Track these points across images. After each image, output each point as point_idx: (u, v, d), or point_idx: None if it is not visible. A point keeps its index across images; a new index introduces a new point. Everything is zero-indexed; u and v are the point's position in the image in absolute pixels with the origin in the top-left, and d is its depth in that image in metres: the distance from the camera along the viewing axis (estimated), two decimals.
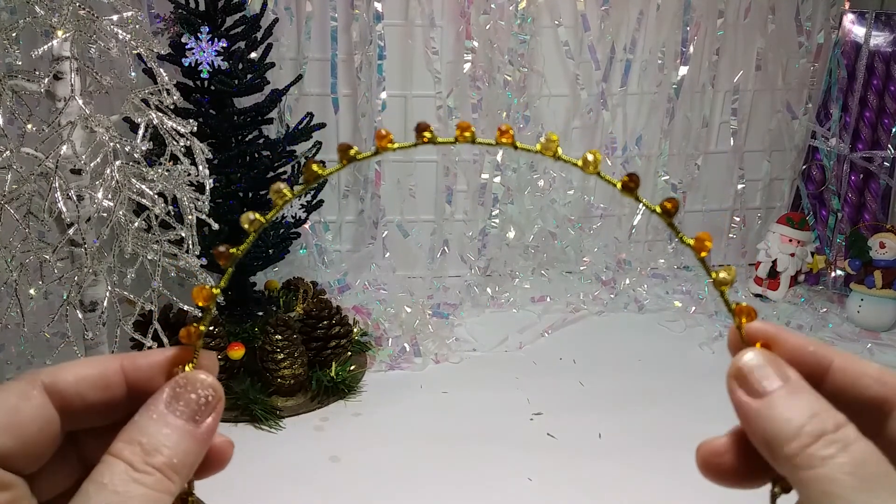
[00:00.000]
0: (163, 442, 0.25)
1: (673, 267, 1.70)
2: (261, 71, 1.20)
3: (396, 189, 1.57)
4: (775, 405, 0.25)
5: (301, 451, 1.06)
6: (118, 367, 0.27)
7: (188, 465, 0.26)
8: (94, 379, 0.27)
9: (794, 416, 0.24)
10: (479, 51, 1.49)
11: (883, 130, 1.60)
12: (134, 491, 0.24)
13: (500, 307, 1.53)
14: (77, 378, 0.26)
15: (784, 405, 0.25)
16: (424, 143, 0.27)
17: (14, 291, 0.86)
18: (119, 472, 0.24)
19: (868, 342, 1.42)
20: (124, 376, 0.27)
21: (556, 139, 0.27)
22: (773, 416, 0.24)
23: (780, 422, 0.24)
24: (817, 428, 0.24)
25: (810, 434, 0.24)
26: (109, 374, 0.27)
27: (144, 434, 0.25)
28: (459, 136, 0.27)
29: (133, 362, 0.27)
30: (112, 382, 0.27)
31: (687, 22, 1.57)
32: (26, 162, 0.84)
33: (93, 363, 0.27)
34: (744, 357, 0.26)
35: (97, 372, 0.27)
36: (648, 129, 1.65)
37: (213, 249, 0.28)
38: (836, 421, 0.24)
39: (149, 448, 0.25)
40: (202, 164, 0.94)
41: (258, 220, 0.27)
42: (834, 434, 0.24)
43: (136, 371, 0.27)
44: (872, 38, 1.59)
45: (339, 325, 1.23)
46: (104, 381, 0.27)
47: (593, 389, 1.24)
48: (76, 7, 0.83)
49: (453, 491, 0.99)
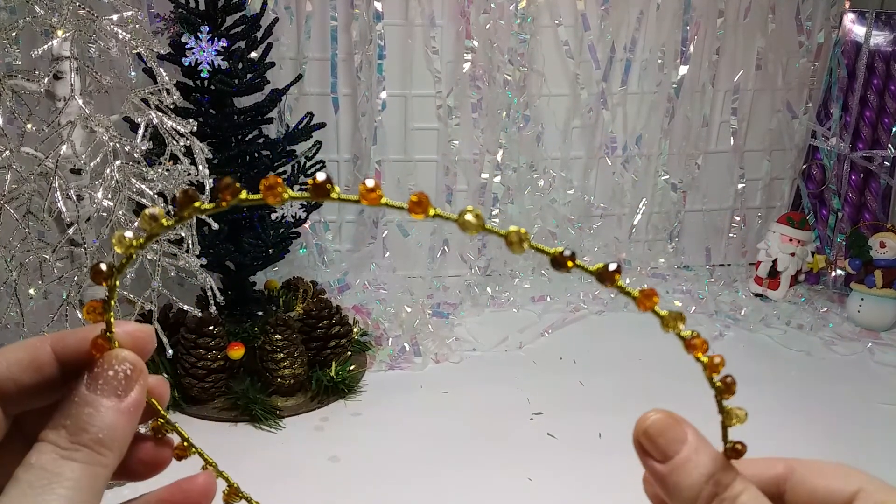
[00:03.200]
0: (87, 421, 0.25)
1: (673, 267, 1.70)
2: (261, 70, 1.20)
3: (396, 189, 1.57)
4: (677, 471, 0.28)
5: (301, 451, 1.06)
6: (48, 349, 0.27)
7: (118, 438, 0.26)
8: (26, 362, 0.27)
9: (692, 483, 0.27)
10: (479, 50, 1.49)
11: (883, 130, 1.60)
12: (64, 467, 0.24)
13: (500, 307, 1.53)
14: (8, 364, 0.27)
15: (683, 471, 0.28)
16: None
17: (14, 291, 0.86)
18: (47, 453, 0.25)
19: (868, 342, 1.42)
20: (55, 356, 0.27)
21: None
22: (677, 482, 0.28)
23: (683, 489, 0.28)
24: (711, 492, 0.27)
25: (706, 498, 0.27)
26: (40, 356, 0.27)
27: (68, 417, 0.25)
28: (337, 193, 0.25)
29: (62, 341, 0.28)
30: (43, 363, 0.27)
31: (687, 22, 1.57)
32: (26, 162, 0.84)
33: (23, 347, 0.27)
34: (648, 420, 0.29)
35: (28, 355, 0.27)
36: (648, 129, 1.65)
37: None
38: (727, 479, 0.27)
39: (73, 429, 0.25)
40: (202, 163, 0.94)
41: (132, 244, 0.26)
42: (725, 493, 0.27)
43: (65, 349, 0.28)
44: (873, 37, 1.59)
45: (339, 325, 1.23)
46: (35, 363, 0.27)
47: (593, 389, 1.24)
48: (76, 7, 0.82)
49: (453, 491, 0.99)
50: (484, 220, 0.25)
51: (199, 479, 0.30)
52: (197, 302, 1.24)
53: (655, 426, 0.29)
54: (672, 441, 0.28)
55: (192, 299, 1.23)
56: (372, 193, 0.25)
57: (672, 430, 0.28)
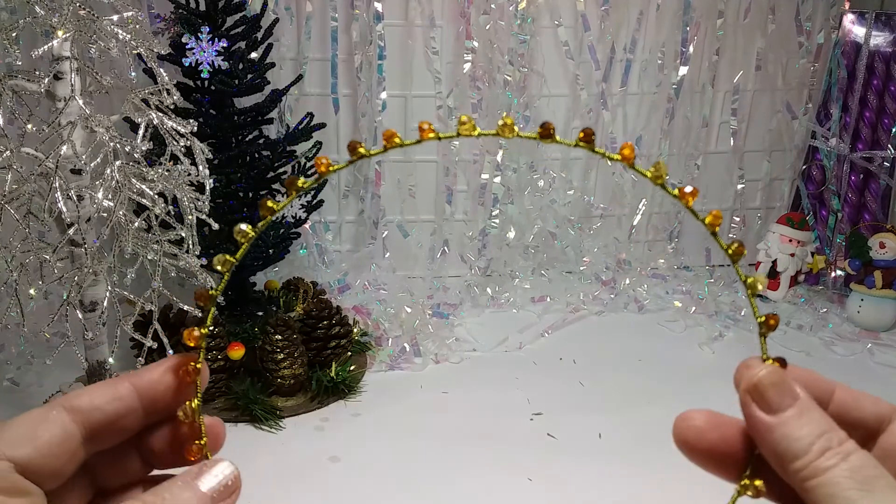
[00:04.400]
0: (185, 500, 0.28)
1: (673, 267, 1.70)
2: (261, 71, 1.20)
3: (396, 189, 1.57)
4: (788, 423, 0.28)
5: (301, 451, 1.06)
6: (127, 383, 0.30)
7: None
8: (107, 393, 0.30)
9: (804, 436, 0.27)
10: (479, 51, 1.49)
11: (883, 130, 1.60)
12: None
13: (500, 307, 1.53)
14: (91, 397, 0.29)
15: (795, 424, 0.28)
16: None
17: (14, 291, 0.86)
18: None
19: (868, 342, 1.42)
20: (134, 388, 0.30)
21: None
22: (786, 434, 0.28)
23: (792, 440, 0.27)
24: (823, 446, 0.27)
25: (817, 451, 0.27)
26: (120, 388, 0.30)
27: (169, 491, 0.28)
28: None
29: (139, 377, 0.30)
30: (124, 394, 0.30)
31: (687, 22, 1.57)
32: (26, 162, 0.84)
33: (103, 384, 0.30)
34: (761, 373, 0.29)
35: (109, 388, 0.30)
36: (648, 129, 1.65)
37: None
38: (839, 438, 0.27)
39: (170, 501, 0.28)
40: (202, 164, 0.94)
41: (228, 260, 0.31)
42: (837, 448, 0.27)
43: (142, 381, 0.30)
44: (872, 38, 1.59)
45: (339, 325, 1.23)
46: (116, 393, 0.30)
47: (593, 389, 1.24)
48: (76, 7, 0.83)
49: (453, 491, 0.99)
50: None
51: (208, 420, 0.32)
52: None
53: (769, 378, 0.29)
54: (785, 394, 0.29)
55: (192, 299, 1.23)
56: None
57: (785, 384, 0.29)
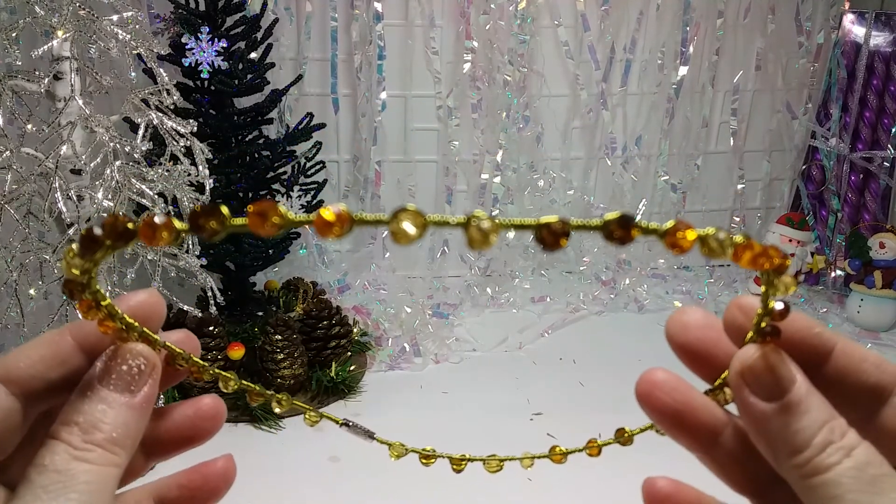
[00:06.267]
0: (99, 418, 0.25)
1: (673, 267, 1.70)
2: (261, 71, 1.20)
3: (396, 189, 1.57)
4: (787, 412, 0.24)
5: (301, 451, 1.06)
6: (69, 339, 0.27)
7: (130, 436, 0.25)
8: (49, 357, 0.26)
9: (804, 427, 0.24)
10: (479, 51, 1.49)
11: (883, 130, 1.60)
12: (77, 468, 0.24)
13: (500, 307, 1.53)
14: (31, 362, 0.26)
15: (795, 413, 0.24)
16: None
17: (14, 291, 0.86)
18: (60, 453, 0.24)
19: (868, 342, 1.42)
20: (78, 345, 0.27)
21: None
22: (785, 424, 0.24)
23: (791, 432, 0.24)
24: (825, 439, 0.24)
25: (819, 446, 0.23)
26: (62, 348, 0.26)
27: (80, 413, 0.25)
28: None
29: (82, 329, 0.27)
30: (67, 355, 0.26)
31: (687, 22, 1.57)
32: (26, 162, 0.84)
33: (43, 342, 0.26)
34: (754, 356, 0.25)
35: (49, 350, 0.26)
36: (648, 129, 1.65)
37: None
38: (841, 428, 0.24)
39: (86, 426, 0.25)
40: (202, 164, 0.94)
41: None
42: (840, 442, 0.23)
43: (87, 337, 0.27)
44: (872, 38, 1.59)
45: (339, 325, 1.23)
46: (59, 357, 0.26)
47: (593, 389, 1.24)
48: (76, 7, 0.83)
49: (453, 491, 0.99)
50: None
51: (219, 463, 0.29)
52: (197, 302, 1.24)
53: (765, 360, 0.25)
54: (782, 378, 0.24)
55: (192, 299, 1.23)
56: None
57: (783, 367, 0.25)
